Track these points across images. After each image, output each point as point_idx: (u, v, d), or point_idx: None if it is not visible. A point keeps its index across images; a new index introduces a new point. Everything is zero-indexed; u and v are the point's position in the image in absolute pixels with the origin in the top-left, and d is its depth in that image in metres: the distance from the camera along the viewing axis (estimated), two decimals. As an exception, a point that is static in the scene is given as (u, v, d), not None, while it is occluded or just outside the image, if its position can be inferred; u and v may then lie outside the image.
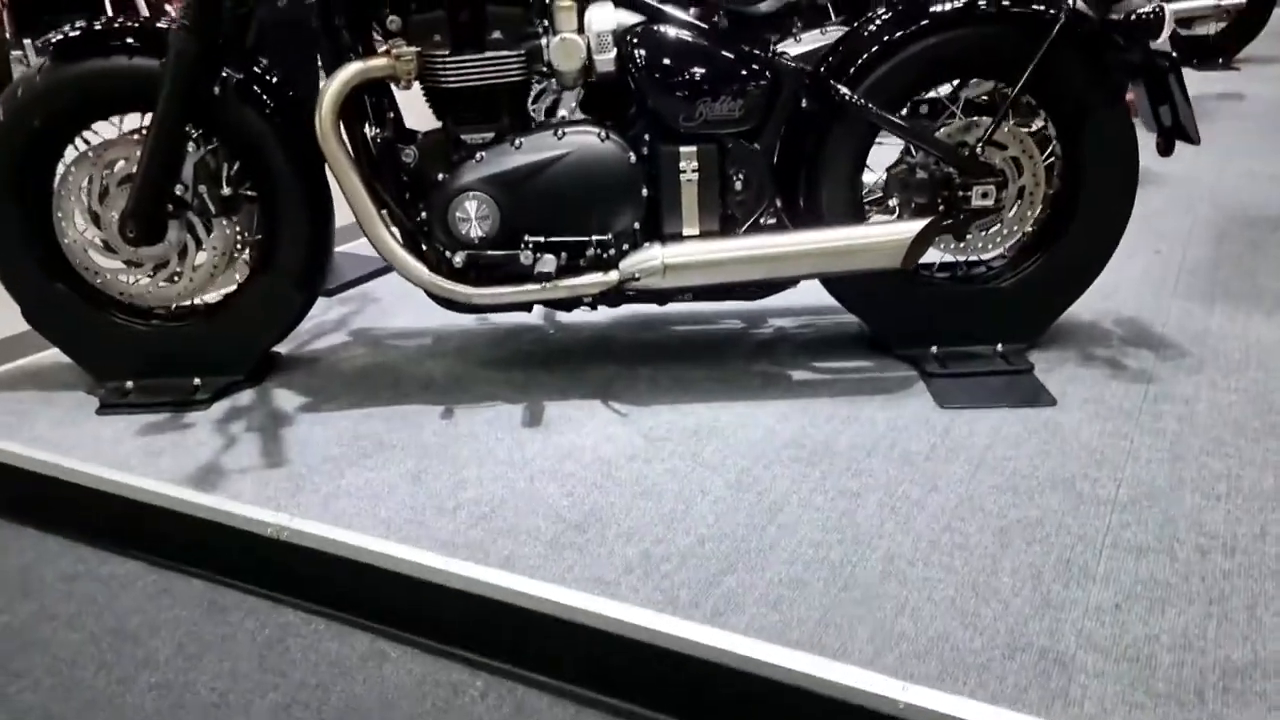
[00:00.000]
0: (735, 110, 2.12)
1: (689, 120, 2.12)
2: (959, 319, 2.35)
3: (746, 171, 2.19)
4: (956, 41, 2.18)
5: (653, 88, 2.11)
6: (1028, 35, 2.17)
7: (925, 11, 2.19)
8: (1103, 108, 2.24)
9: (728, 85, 2.11)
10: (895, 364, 2.34)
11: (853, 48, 2.21)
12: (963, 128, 2.24)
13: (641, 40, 2.11)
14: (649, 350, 2.47)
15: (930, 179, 2.23)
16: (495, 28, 2.08)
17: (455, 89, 2.09)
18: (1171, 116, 2.28)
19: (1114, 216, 2.32)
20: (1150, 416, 2.06)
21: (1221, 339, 2.40)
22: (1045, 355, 2.35)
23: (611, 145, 2.12)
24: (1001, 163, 2.26)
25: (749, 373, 2.33)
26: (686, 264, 2.13)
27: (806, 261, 2.15)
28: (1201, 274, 2.81)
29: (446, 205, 2.11)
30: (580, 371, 2.37)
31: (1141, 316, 2.56)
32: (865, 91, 2.18)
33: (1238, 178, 3.72)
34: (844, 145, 2.22)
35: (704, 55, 2.12)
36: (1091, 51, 2.22)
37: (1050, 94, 2.25)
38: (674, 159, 2.14)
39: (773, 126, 2.19)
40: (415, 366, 2.43)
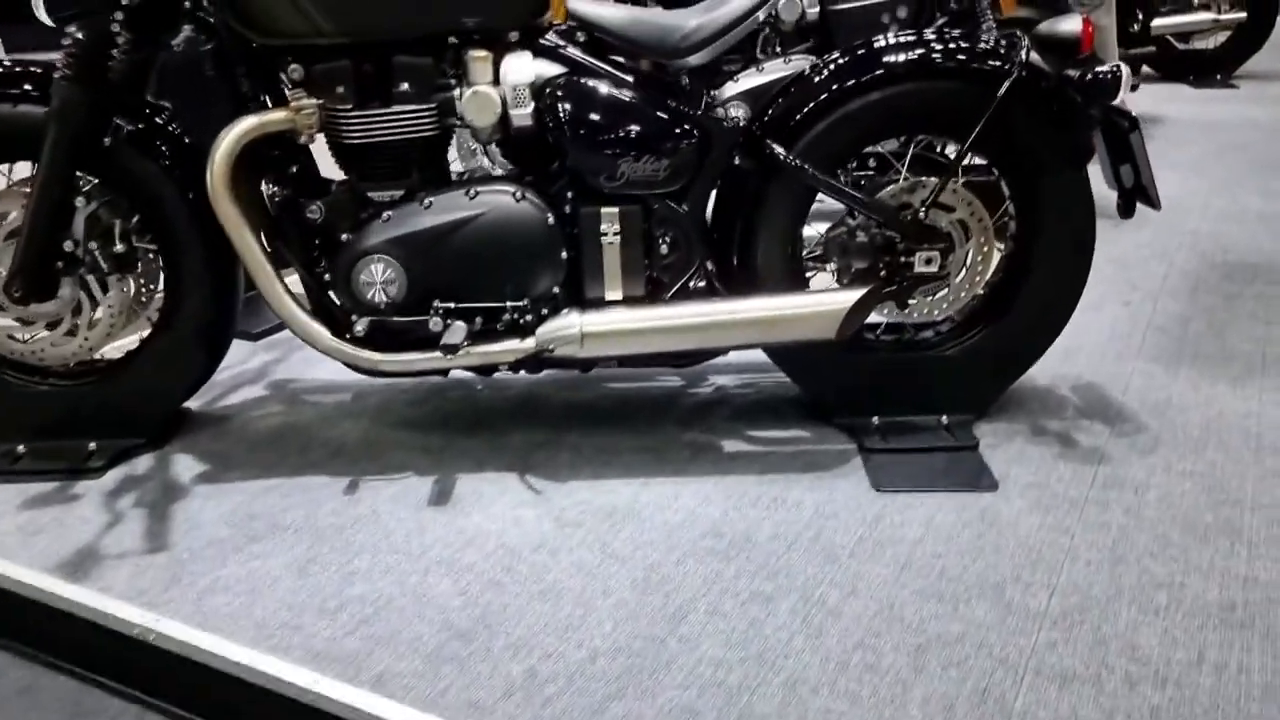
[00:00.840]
0: (660, 170, 1.99)
1: (611, 180, 1.99)
2: (903, 388, 2.22)
3: (673, 234, 2.05)
4: (903, 97, 2.04)
5: (572, 145, 1.98)
6: (979, 91, 2.03)
7: (869, 64, 2.05)
8: (1058, 168, 2.10)
9: (652, 144, 1.98)
10: (833, 435, 2.21)
11: (790, 102, 2.07)
12: (907, 188, 2.10)
13: (560, 94, 1.97)
14: (578, 413, 2.34)
15: (870, 243, 2.09)
16: (403, 79, 1.94)
17: (360, 145, 1.96)
18: (1133, 177, 2.14)
19: (1069, 283, 2.18)
20: (1096, 507, 1.93)
21: (1182, 410, 2.27)
22: (993, 427, 2.22)
23: (527, 206, 1.99)
24: (948, 226, 2.12)
25: (679, 442, 2.20)
26: (606, 333, 2.00)
27: (734, 332, 2.02)
28: (1170, 332, 2.67)
29: (350, 268, 1.98)
30: (502, 437, 2.24)
31: (1101, 382, 2.42)
32: (804, 148, 2.04)
33: (1223, 217, 3.57)
34: (780, 205, 2.08)
35: (627, 111, 1.99)
36: (1046, 109, 2.08)
37: (1002, 152, 2.11)
38: (595, 220, 2.01)
39: (702, 186, 2.05)
40: (329, 428, 2.30)
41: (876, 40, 2.10)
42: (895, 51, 2.06)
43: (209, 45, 1.92)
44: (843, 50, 2.10)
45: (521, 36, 1.99)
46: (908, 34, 2.10)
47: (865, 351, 2.22)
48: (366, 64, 1.94)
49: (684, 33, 1.97)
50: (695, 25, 1.97)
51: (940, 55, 2.04)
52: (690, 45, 1.98)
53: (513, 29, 1.98)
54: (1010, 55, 2.04)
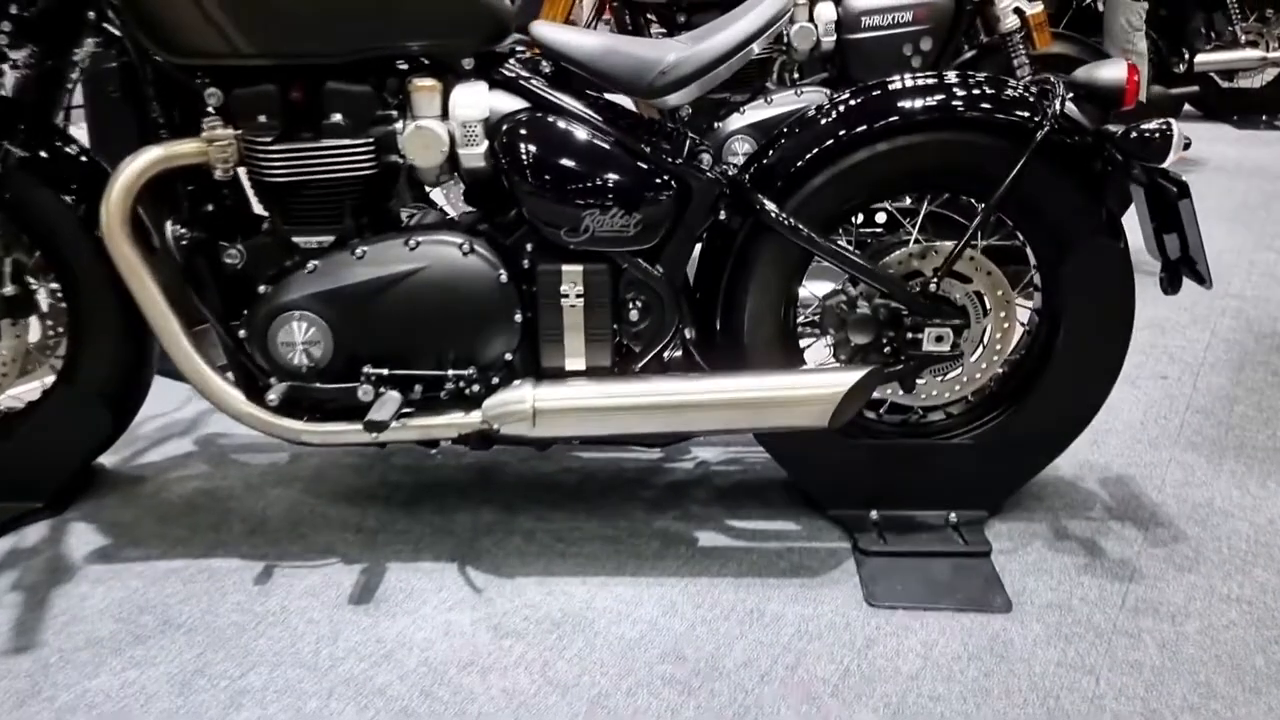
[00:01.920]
0: (630, 225, 1.72)
1: (573, 234, 1.72)
2: (906, 478, 1.93)
3: (645, 297, 1.78)
4: (917, 149, 1.76)
5: (529, 193, 1.71)
6: (1005, 145, 1.75)
7: (878, 110, 1.77)
8: (1091, 235, 1.82)
9: (621, 195, 1.71)
10: (825, 529, 1.93)
11: (785, 151, 1.80)
12: (918, 253, 1.83)
13: (517, 133, 1.70)
14: (537, 489, 2.07)
15: (873, 316, 1.81)
16: (336, 109, 1.68)
17: (284, 183, 1.69)
18: (1180, 249, 1.85)
19: (1100, 366, 1.90)
20: (1126, 639, 1.64)
21: (1226, 516, 1.97)
22: (1009, 526, 1.93)
23: (476, 260, 1.72)
24: (963, 299, 1.84)
25: (647, 531, 1.93)
26: (563, 410, 1.73)
27: (710, 415, 1.74)
28: (1213, 415, 2.38)
29: (269, 325, 1.71)
30: (448, 516, 1.97)
31: (1133, 474, 2.13)
32: (799, 204, 1.77)
33: (1270, 278, 3.27)
34: (771, 268, 1.81)
35: (594, 156, 1.72)
36: (1081, 168, 1.80)
37: (1029, 216, 1.83)
38: (554, 279, 1.74)
39: (680, 244, 1.78)
40: (253, 497, 2.03)
41: (890, 82, 1.82)
42: (910, 96, 1.78)
43: (115, 62, 1.67)
44: (849, 92, 1.83)
45: (476, 64, 1.72)
46: (926, 76, 1.83)
47: (865, 435, 1.94)
48: (294, 90, 1.68)
49: (663, 67, 1.70)
50: (675, 60, 1.70)
51: (962, 103, 1.76)
52: (669, 82, 1.70)
53: (465, 55, 1.72)
54: (1042, 105, 1.76)
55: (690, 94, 1.73)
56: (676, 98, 1.73)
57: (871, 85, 1.84)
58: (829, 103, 1.83)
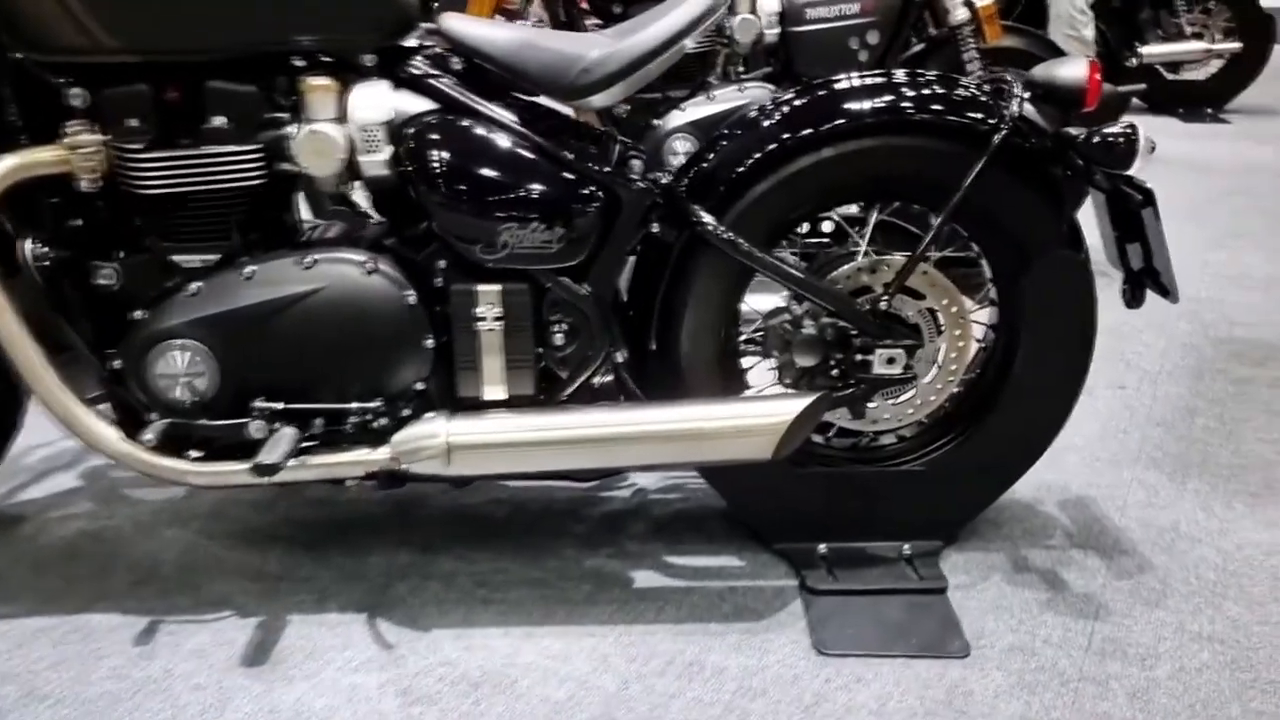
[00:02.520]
0: (553, 240, 1.55)
1: (489, 250, 1.55)
2: (857, 507, 1.79)
3: (571, 319, 1.62)
4: (864, 155, 1.62)
5: (438, 205, 1.54)
6: (958, 151, 1.62)
7: (822, 113, 1.62)
8: (1051, 246, 1.69)
9: (541, 207, 1.54)
10: (771, 565, 1.78)
11: (722, 157, 1.65)
12: (867, 267, 1.69)
13: (424, 137, 1.53)
14: (461, 524, 1.90)
15: (819, 337, 1.67)
16: (218, 112, 1.49)
17: (160, 195, 1.51)
18: (1144, 259, 1.73)
19: (1060, 385, 1.77)
20: (1094, 687, 1.51)
21: (1192, 542, 1.86)
22: (965, 558, 1.80)
23: (379, 281, 1.55)
24: (916, 316, 1.71)
25: (578, 572, 1.77)
26: (480, 445, 1.56)
27: (641, 449, 1.58)
28: (1174, 428, 2.27)
29: (145, 354, 1.53)
30: (360, 558, 1.79)
31: (1093, 495, 2.01)
32: (738, 216, 1.62)
33: (1225, 280, 3.18)
34: (709, 285, 1.66)
35: (510, 163, 1.55)
36: (1040, 175, 1.68)
37: (984, 226, 1.70)
38: (469, 301, 1.57)
39: (609, 260, 1.62)
40: (143, 540, 1.84)
41: (836, 81, 1.68)
42: (857, 97, 1.64)
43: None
44: (791, 93, 1.68)
45: (378, 61, 1.54)
46: (874, 75, 1.69)
47: (811, 463, 1.79)
48: (170, 90, 1.49)
49: (584, 65, 1.53)
50: (599, 57, 1.54)
51: (913, 105, 1.62)
52: (592, 81, 1.54)
53: (365, 51, 1.54)
54: (998, 107, 1.63)
55: (616, 94, 1.57)
56: (601, 98, 1.57)
57: (815, 85, 1.69)
58: (769, 105, 1.68)
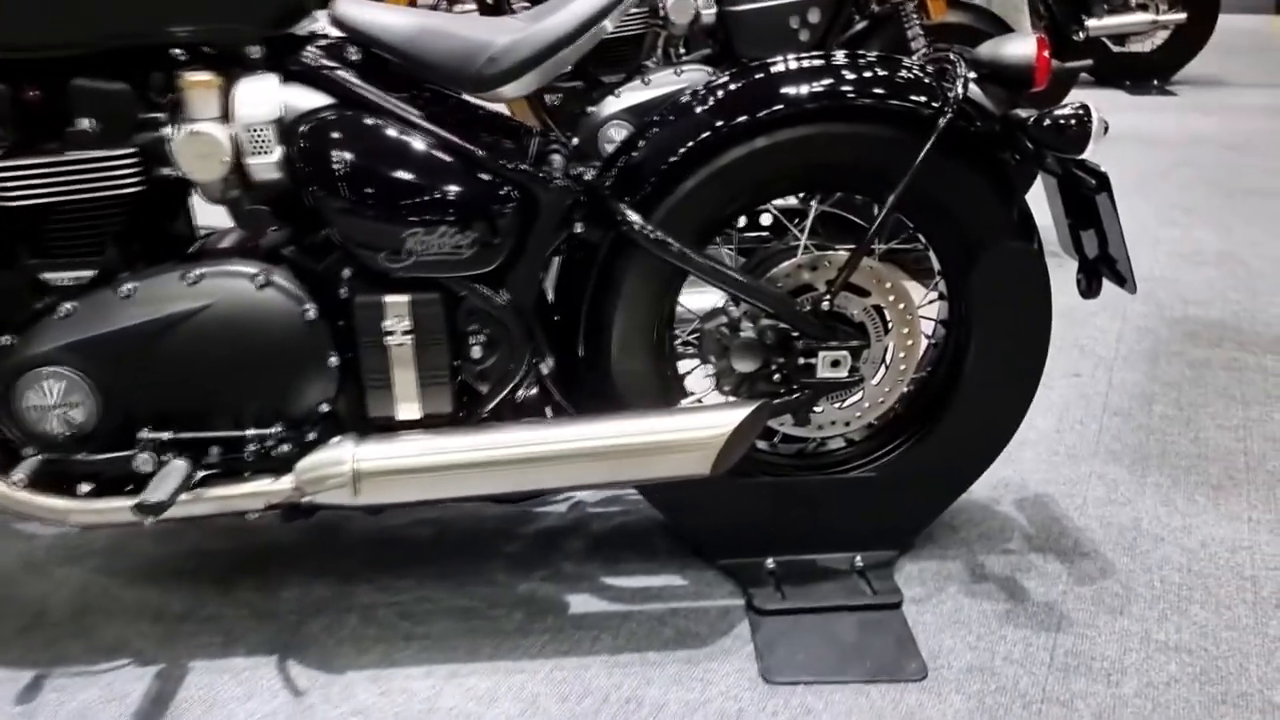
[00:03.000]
0: (464, 245, 1.42)
1: (395, 258, 1.41)
2: (805, 518, 1.69)
3: (490, 330, 1.49)
4: (799, 145, 1.50)
5: (335, 211, 1.40)
6: (900, 137, 1.51)
7: (754, 101, 1.50)
8: (1001, 237, 1.59)
9: (450, 209, 1.41)
10: (716, 583, 1.67)
11: (649, 150, 1.52)
12: (808, 263, 1.57)
13: (318, 136, 1.38)
14: (384, 550, 1.77)
15: (758, 341, 1.56)
16: (86, 113, 1.34)
17: (23, 207, 1.35)
18: (1099, 247, 1.64)
19: (1015, 382, 1.68)
20: (1058, 708, 1.42)
21: (1155, 541, 1.78)
22: (920, 567, 1.71)
23: (273, 295, 1.41)
24: (861, 315, 1.60)
25: (510, 598, 1.64)
26: (390, 471, 1.43)
27: (568, 469, 1.46)
28: (1132, 417, 2.20)
29: (14, 384, 1.38)
30: (271, 592, 1.66)
31: (1051, 493, 1.93)
32: (668, 212, 1.50)
33: (1178, 257, 3.12)
34: (639, 288, 1.53)
35: (414, 162, 1.41)
36: (988, 160, 1.57)
37: (930, 217, 1.59)
38: (375, 314, 1.43)
39: (529, 265, 1.48)
40: (34, 579, 1.69)
41: (771, 64, 1.56)
42: (793, 81, 1.52)
43: None
44: (723, 78, 1.56)
45: (266, 52, 1.40)
46: (811, 57, 1.57)
47: (755, 472, 1.68)
48: (28, 89, 1.33)
49: (491, 53, 1.39)
50: (507, 44, 1.40)
51: (852, 88, 1.50)
52: (500, 71, 1.40)
53: (251, 41, 1.39)
54: (942, 89, 1.52)
55: (529, 84, 1.43)
56: (512, 89, 1.43)
57: (748, 69, 1.57)
58: (698, 92, 1.56)
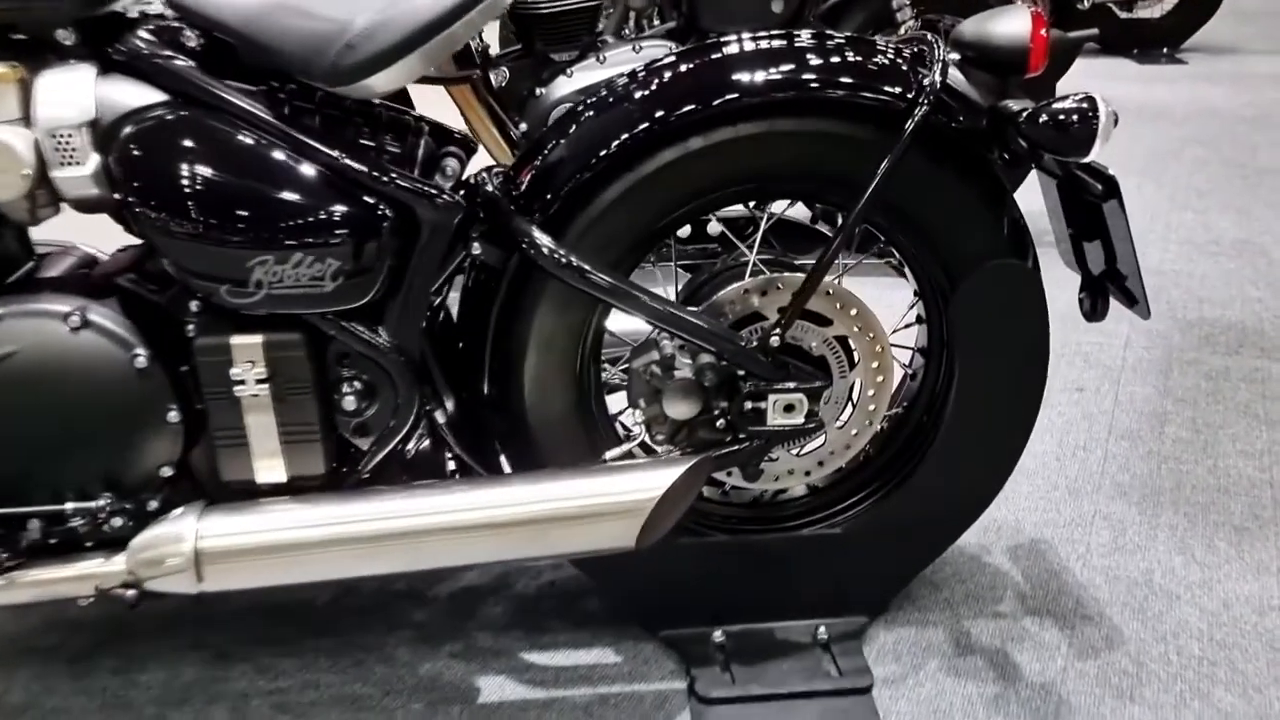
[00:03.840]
0: (325, 277, 1.16)
1: (239, 293, 1.15)
2: (760, 581, 1.44)
3: (368, 375, 1.23)
4: (743, 147, 1.23)
5: (162, 234, 1.13)
6: (867, 135, 1.24)
7: (689, 93, 1.24)
8: (989, 252, 1.33)
9: (305, 233, 1.14)
10: (656, 659, 1.43)
11: (561, 155, 1.26)
12: (757, 287, 1.31)
13: (139, 142, 1.12)
14: (269, 620, 1.51)
15: (697, 383, 1.30)
16: None
17: None
18: (1106, 261, 1.38)
19: (1007, 421, 1.42)
20: (1054, 830, 1.18)
21: (1170, 601, 1.53)
22: (894, 637, 1.46)
23: (91, 338, 1.14)
24: (821, 348, 1.34)
25: (412, 680, 1.40)
26: (241, 551, 1.18)
27: (461, 546, 1.20)
28: (1141, 442, 1.94)
29: None
30: (132, 676, 1.40)
31: (1049, 538, 1.67)
32: (586, 228, 1.24)
33: (1192, 247, 2.85)
34: (553, 322, 1.28)
35: (261, 175, 1.14)
36: (972, 162, 1.30)
37: (904, 229, 1.33)
38: (220, 360, 1.18)
39: (413, 296, 1.22)
40: None
41: (716, 45, 1.29)
42: (738, 68, 1.25)
43: None
44: (656, 63, 1.29)
45: (79, 37, 1.13)
46: (765, 38, 1.30)
47: (700, 528, 1.43)
48: None
49: (348, 39, 1.12)
50: (366, 28, 1.12)
51: (807, 77, 1.23)
52: (358, 62, 1.12)
53: (60, 23, 1.12)
54: (916, 76, 1.25)
55: (401, 76, 1.15)
56: (381, 81, 1.14)
57: (688, 52, 1.30)
58: (624, 81, 1.29)
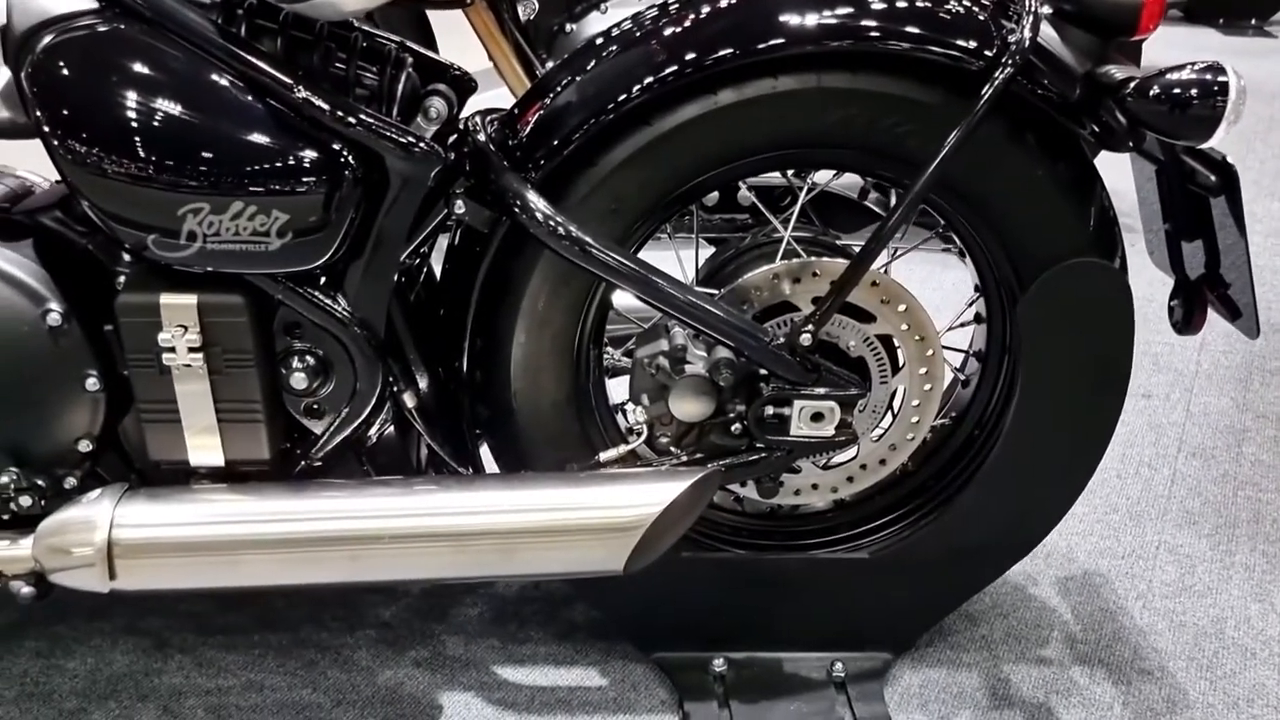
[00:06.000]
0: (271, 232, 0.97)
1: (169, 246, 0.97)
2: (770, 606, 1.26)
3: (323, 349, 1.05)
4: (781, 104, 1.03)
5: (76, 169, 0.94)
6: (934, 99, 1.03)
7: (721, 35, 1.03)
8: (1068, 249, 1.11)
9: (248, 180, 0.95)
10: (647, 684, 1.25)
11: (570, 101, 1.05)
12: (789, 273, 1.11)
13: (58, 57, 0.93)
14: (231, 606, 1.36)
15: (709, 381, 1.11)
16: None
17: None
18: (1207, 263, 1.16)
19: (1075, 443, 1.21)
20: None
21: (1243, 657, 1.33)
22: (921, 678, 1.27)
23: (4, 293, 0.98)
24: (859, 348, 1.14)
25: (368, 693, 1.23)
26: (158, 545, 1.01)
27: (418, 558, 1.02)
28: (1215, 462, 1.72)
29: None
30: (59, 661, 1.26)
31: (1105, 571, 1.47)
32: (589, 194, 1.04)
33: (1277, 243, 2.60)
34: (549, 299, 1.09)
35: (199, 106, 0.95)
36: (1058, 140, 1.09)
37: (971, 214, 1.12)
38: (146, 321, 1.00)
39: (380, 258, 1.03)
40: None
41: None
42: (789, 5, 1.04)
43: None
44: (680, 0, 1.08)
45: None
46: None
47: (706, 540, 1.25)
48: None
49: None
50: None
51: (863, 23, 1.02)
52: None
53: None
54: (1000, 32, 1.03)
55: None
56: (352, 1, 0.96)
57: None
58: (653, 15, 1.08)
